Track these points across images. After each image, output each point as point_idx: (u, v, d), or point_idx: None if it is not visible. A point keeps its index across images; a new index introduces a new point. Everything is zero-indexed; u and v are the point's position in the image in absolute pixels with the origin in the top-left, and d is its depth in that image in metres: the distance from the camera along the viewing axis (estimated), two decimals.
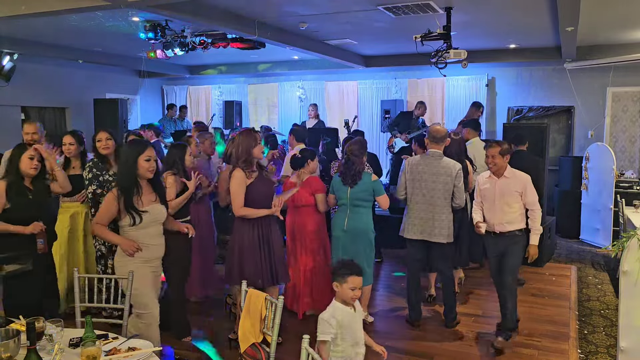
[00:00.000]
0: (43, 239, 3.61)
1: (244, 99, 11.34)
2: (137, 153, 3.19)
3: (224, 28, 6.26)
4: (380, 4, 5.46)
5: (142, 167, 3.19)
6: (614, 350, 4.10)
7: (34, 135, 4.82)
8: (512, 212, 4.15)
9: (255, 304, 2.77)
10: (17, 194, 3.55)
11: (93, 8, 4.99)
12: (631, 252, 3.37)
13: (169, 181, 4.09)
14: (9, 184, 3.55)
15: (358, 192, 4.42)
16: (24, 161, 3.60)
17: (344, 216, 4.50)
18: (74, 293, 3.12)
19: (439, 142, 4.45)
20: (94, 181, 4.38)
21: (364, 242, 4.48)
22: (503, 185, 4.17)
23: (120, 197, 3.14)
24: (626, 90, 8.49)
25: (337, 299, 2.75)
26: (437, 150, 4.45)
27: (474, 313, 5.00)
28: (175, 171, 4.20)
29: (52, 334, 2.42)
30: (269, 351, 2.65)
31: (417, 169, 4.45)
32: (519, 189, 4.14)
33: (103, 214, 3.22)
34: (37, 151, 3.69)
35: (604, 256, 6.92)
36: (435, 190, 4.38)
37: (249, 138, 3.86)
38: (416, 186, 4.45)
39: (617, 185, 7.42)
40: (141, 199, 3.20)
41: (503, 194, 4.16)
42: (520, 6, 5.59)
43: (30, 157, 3.61)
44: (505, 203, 4.15)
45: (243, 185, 3.79)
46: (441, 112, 9.70)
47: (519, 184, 4.14)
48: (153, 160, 3.22)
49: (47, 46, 8.20)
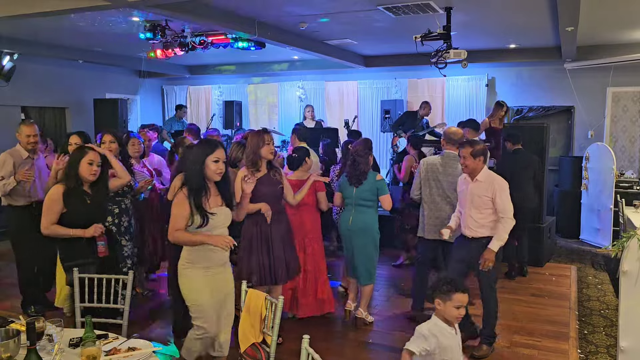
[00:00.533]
0: (104, 241, 3.49)
1: (244, 99, 11.33)
2: (205, 154, 3.03)
3: (224, 28, 6.26)
4: (380, 4, 5.46)
5: (209, 168, 3.02)
6: (614, 350, 4.09)
7: (34, 137, 4.81)
8: (483, 217, 3.92)
9: (255, 304, 2.77)
10: (75, 200, 3.42)
11: (93, 8, 4.99)
12: (631, 252, 3.37)
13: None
14: (67, 190, 3.41)
15: (363, 192, 4.48)
16: (83, 166, 3.45)
17: (349, 215, 4.59)
18: (74, 293, 3.13)
19: (455, 143, 4.51)
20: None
21: (367, 241, 4.51)
22: (474, 189, 3.96)
23: (190, 197, 2.98)
24: (626, 90, 8.49)
25: (437, 316, 2.57)
26: (453, 151, 4.52)
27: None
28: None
29: (52, 334, 2.42)
30: (269, 351, 2.65)
31: (432, 169, 4.49)
32: (489, 194, 3.87)
33: (179, 217, 3.00)
34: (97, 156, 3.54)
35: (604, 256, 6.91)
36: (452, 190, 4.45)
37: (257, 138, 4.00)
38: (432, 186, 4.52)
39: (617, 185, 7.42)
40: (208, 202, 3.03)
41: (473, 198, 3.95)
42: (520, 6, 5.59)
43: (90, 163, 3.46)
44: (475, 207, 3.94)
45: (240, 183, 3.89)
46: (441, 112, 9.70)
47: (490, 189, 3.88)
48: (222, 162, 3.06)
49: (47, 46, 8.20)
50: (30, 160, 4.86)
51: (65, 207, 3.38)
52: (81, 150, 3.53)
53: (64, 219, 3.39)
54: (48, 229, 3.38)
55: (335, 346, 4.35)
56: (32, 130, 4.80)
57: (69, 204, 3.39)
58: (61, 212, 3.38)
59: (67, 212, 3.39)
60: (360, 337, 4.48)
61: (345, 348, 4.31)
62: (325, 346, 4.27)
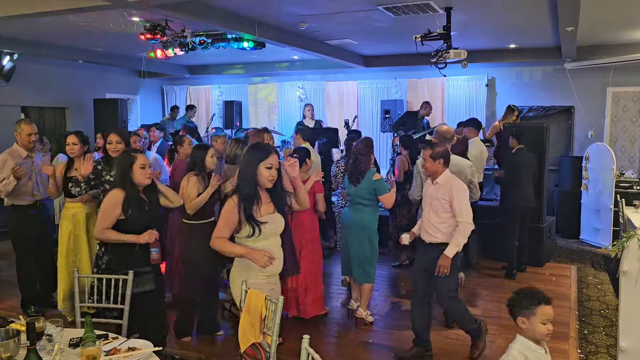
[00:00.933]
0: (157, 248, 3.33)
1: (244, 99, 11.34)
2: (258, 160, 2.86)
3: (224, 28, 6.26)
4: (380, 4, 5.46)
5: (262, 175, 2.86)
6: (614, 350, 4.10)
7: (35, 135, 4.83)
8: (441, 222, 3.84)
9: (255, 304, 2.76)
10: (135, 207, 3.26)
11: (93, 8, 4.99)
12: (631, 252, 3.37)
13: (191, 181, 4.15)
14: (127, 197, 3.25)
15: (360, 191, 4.51)
16: (136, 172, 3.27)
17: (348, 211, 4.71)
18: (75, 294, 3.13)
19: (448, 141, 4.59)
20: (95, 181, 4.37)
21: (362, 239, 4.52)
22: (434, 192, 3.90)
23: (240, 206, 2.83)
24: (626, 90, 8.49)
25: (524, 335, 2.31)
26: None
27: (475, 313, 4.99)
28: (197, 172, 4.21)
29: (52, 334, 2.42)
30: (269, 351, 2.65)
31: None
32: (446, 197, 3.80)
33: (223, 225, 2.87)
34: (146, 159, 3.38)
35: (604, 256, 6.91)
36: None
37: (257, 137, 4.14)
38: None
39: (617, 185, 7.42)
40: (260, 210, 2.88)
41: (432, 201, 3.89)
42: (520, 6, 5.59)
43: (142, 167, 3.29)
44: (434, 211, 3.87)
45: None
46: (441, 112, 9.70)
47: (448, 192, 3.79)
48: (275, 168, 2.88)
49: (47, 46, 8.20)
50: (30, 159, 4.87)
51: (124, 214, 3.23)
52: (129, 156, 3.34)
53: (121, 225, 3.24)
54: (102, 233, 3.24)
55: (335, 346, 4.35)
56: (32, 129, 4.82)
57: (129, 211, 3.24)
58: (118, 218, 3.23)
59: (125, 219, 3.24)
60: (360, 337, 4.48)
61: (345, 348, 4.31)
62: (325, 346, 4.27)
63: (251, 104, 11.31)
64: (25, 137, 4.79)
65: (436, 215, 3.85)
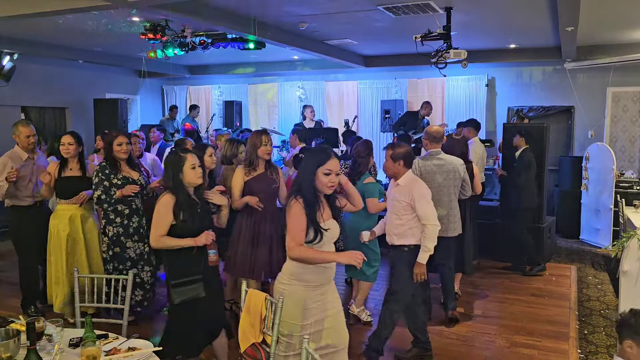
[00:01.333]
0: (215, 249, 3.19)
1: (244, 99, 11.34)
2: (317, 164, 2.70)
3: (224, 28, 6.26)
4: (380, 4, 5.46)
5: (320, 181, 2.69)
6: (614, 350, 4.09)
7: (33, 137, 4.81)
8: (401, 224, 3.74)
9: (255, 303, 2.76)
10: (187, 211, 3.10)
11: (93, 8, 4.99)
12: (631, 252, 3.38)
13: None
14: (179, 201, 3.09)
15: None
16: (187, 173, 3.11)
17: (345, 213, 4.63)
18: (74, 294, 3.13)
19: (439, 141, 4.63)
20: (100, 186, 4.31)
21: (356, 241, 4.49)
22: (395, 193, 3.81)
23: (305, 209, 2.66)
24: (626, 90, 8.49)
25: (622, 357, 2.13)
26: (438, 149, 4.61)
27: (475, 313, 5.00)
28: None
29: (52, 334, 2.42)
30: (269, 351, 2.65)
31: (427, 169, 4.52)
32: (407, 200, 3.69)
33: (298, 230, 2.64)
34: (195, 157, 3.21)
35: (604, 256, 6.92)
36: (448, 187, 4.51)
37: (255, 139, 4.17)
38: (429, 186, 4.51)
39: (617, 185, 7.42)
40: (322, 215, 2.72)
41: (393, 202, 3.79)
42: (520, 6, 5.59)
43: (192, 167, 3.13)
44: (395, 212, 3.77)
45: (240, 181, 4.16)
46: (441, 112, 9.70)
47: (409, 194, 3.68)
48: (334, 174, 2.70)
49: (47, 46, 8.20)
50: (31, 161, 4.85)
51: (176, 220, 3.07)
52: (178, 157, 3.17)
53: (175, 231, 3.08)
54: (158, 241, 3.07)
55: None
56: (31, 131, 4.80)
57: (181, 216, 3.08)
58: (171, 224, 3.08)
59: (177, 225, 3.07)
60: (360, 338, 4.48)
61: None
62: None
63: (251, 104, 11.31)
64: (24, 139, 4.77)
65: (397, 217, 3.76)
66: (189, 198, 3.14)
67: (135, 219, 4.44)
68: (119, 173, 4.36)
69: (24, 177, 4.75)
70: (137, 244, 4.46)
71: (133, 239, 4.43)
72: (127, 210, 4.40)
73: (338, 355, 2.86)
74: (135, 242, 4.44)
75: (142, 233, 4.49)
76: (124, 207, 4.39)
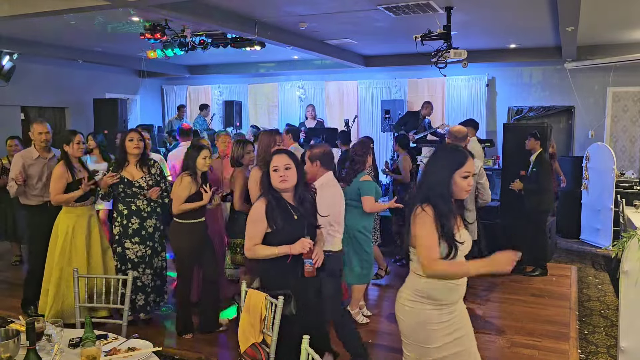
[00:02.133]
0: (311, 259, 2.84)
1: (244, 99, 11.33)
2: (454, 166, 2.35)
3: (224, 28, 6.26)
4: (380, 4, 5.46)
5: (458, 185, 2.35)
6: (614, 351, 4.09)
7: (46, 134, 4.81)
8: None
9: (255, 304, 2.76)
10: (280, 216, 2.83)
11: (93, 8, 4.99)
12: (631, 252, 3.37)
13: (183, 182, 4.13)
14: (269, 205, 2.84)
15: (349, 192, 4.48)
16: (273, 177, 2.85)
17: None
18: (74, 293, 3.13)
19: (460, 141, 4.60)
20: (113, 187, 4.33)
21: (350, 240, 4.46)
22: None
23: (437, 221, 2.30)
24: (626, 90, 8.49)
25: None
26: None
27: (475, 313, 4.99)
28: (191, 172, 4.17)
29: (52, 334, 2.42)
30: (269, 351, 2.65)
31: None
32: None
33: (432, 244, 2.29)
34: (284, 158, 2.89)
35: (604, 256, 6.91)
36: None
37: (269, 138, 4.10)
38: None
39: (618, 185, 7.42)
40: (458, 227, 2.39)
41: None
42: (521, 6, 5.58)
43: (275, 169, 2.84)
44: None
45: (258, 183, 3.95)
46: (441, 112, 9.70)
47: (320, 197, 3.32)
48: (471, 176, 2.39)
49: (47, 46, 8.20)
50: (42, 160, 4.84)
51: (270, 227, 2.82)
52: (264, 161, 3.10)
53: (267, 239, 2.85)
54: (252, 251, 2.86)
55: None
56: (43, 128, 4.80)
57: (274, 223, 2.82)
58: (265, 231, 2.84)
59: (271, 232, 2.83)
60: None
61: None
62: None
63: (251, 104, 11.31)
64: (36, 135, 4.79)
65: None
66: (282, 202, 2.87)
67: (135, 221, 4.36)
68: (119, 172, 4.34)
69: (32, 176, 4.75)
70: (137, 246, 4.39)
71: (132, 241, 4.37)
72: (126, 211, 4.36)
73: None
74: (135, 244, 4.38)
75: (145, 235, 4.41)
76: (123, 207, 4.38)
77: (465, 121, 6.88)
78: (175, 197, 4.15)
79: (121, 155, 4.38)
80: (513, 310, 5.08)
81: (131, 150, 4.32)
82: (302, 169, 2.99)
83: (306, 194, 2.96)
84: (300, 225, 2.87)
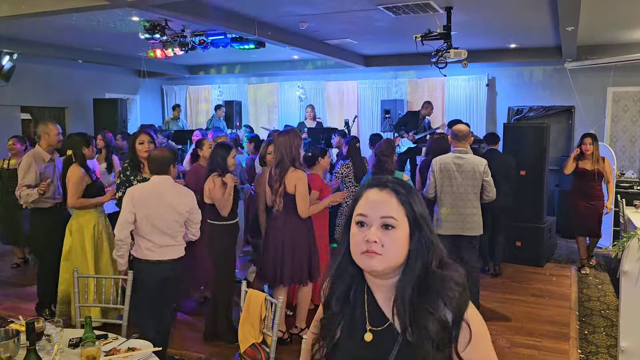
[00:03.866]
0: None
1: (244, 99, 11.33)
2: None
3: (224, 28, 6.26)
4: (380, 4, 5.45)
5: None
6: (614, 351, 4.09)
7: (59, 135, 4.73)
8: None
9: (255, 304, 2.76)
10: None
11: (93, 8, 4.98)
12: (631, 252, 3.37)
13: (217, 183, 4.02)
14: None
15: None
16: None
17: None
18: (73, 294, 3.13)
19: (462, 139, 4.63)
20: (122, 187, 4.10)
21: None
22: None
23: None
24: (626, 90, 8.48)
25: None
26: (462, 147, 4.62)
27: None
28: (220, 172, 4.07)
29: (52, 334, 2.42)
30: (269, 351, 2.65)
31: (446, 167, 4.55)
32: None
33: None
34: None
35: (605, 256, 6.91)
36: (466, 186, 4.52)
37: (297, 137, 3.95)
38: (446, 184, 4.58)
39: (618, 185, 7.40)
40: None
41: None
42: (521, 6, 5.58)
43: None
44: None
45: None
46: (441, 112, 9.69)
47: None
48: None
49: (47, 46, 8.20)
50: (52, 162, 4.73)
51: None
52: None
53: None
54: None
55: None
56: (59, 129, 4.74)
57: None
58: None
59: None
60: None
61: None
62: None
63: (251, 104, 11.30)
64: (53, 137, 4.64)
65: None
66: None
67: None
68: (139, 174, 4.13)
69: (45, 178, 4.55)
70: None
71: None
72: None
73: None
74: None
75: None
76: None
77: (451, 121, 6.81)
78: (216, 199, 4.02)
79: (134, 157, 4.17)
80: (513, 310, 5.07)
81: (142, 153, 4.10)
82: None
83: None
84: None
